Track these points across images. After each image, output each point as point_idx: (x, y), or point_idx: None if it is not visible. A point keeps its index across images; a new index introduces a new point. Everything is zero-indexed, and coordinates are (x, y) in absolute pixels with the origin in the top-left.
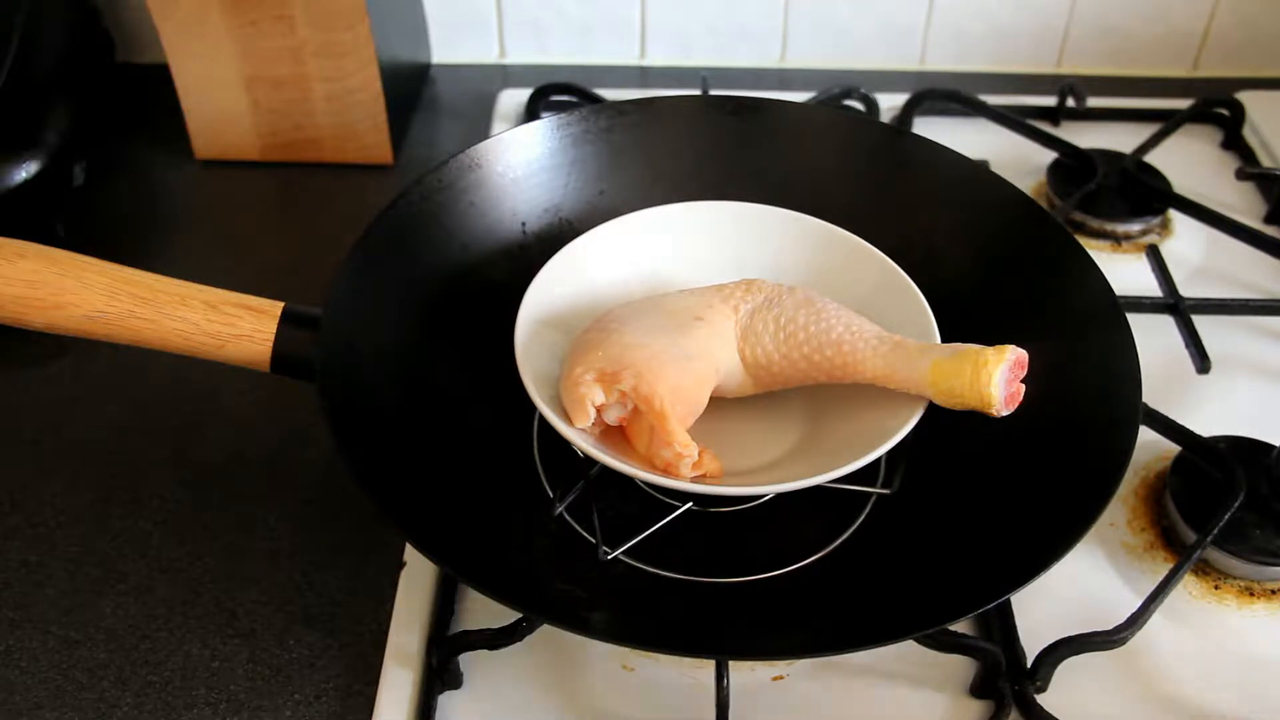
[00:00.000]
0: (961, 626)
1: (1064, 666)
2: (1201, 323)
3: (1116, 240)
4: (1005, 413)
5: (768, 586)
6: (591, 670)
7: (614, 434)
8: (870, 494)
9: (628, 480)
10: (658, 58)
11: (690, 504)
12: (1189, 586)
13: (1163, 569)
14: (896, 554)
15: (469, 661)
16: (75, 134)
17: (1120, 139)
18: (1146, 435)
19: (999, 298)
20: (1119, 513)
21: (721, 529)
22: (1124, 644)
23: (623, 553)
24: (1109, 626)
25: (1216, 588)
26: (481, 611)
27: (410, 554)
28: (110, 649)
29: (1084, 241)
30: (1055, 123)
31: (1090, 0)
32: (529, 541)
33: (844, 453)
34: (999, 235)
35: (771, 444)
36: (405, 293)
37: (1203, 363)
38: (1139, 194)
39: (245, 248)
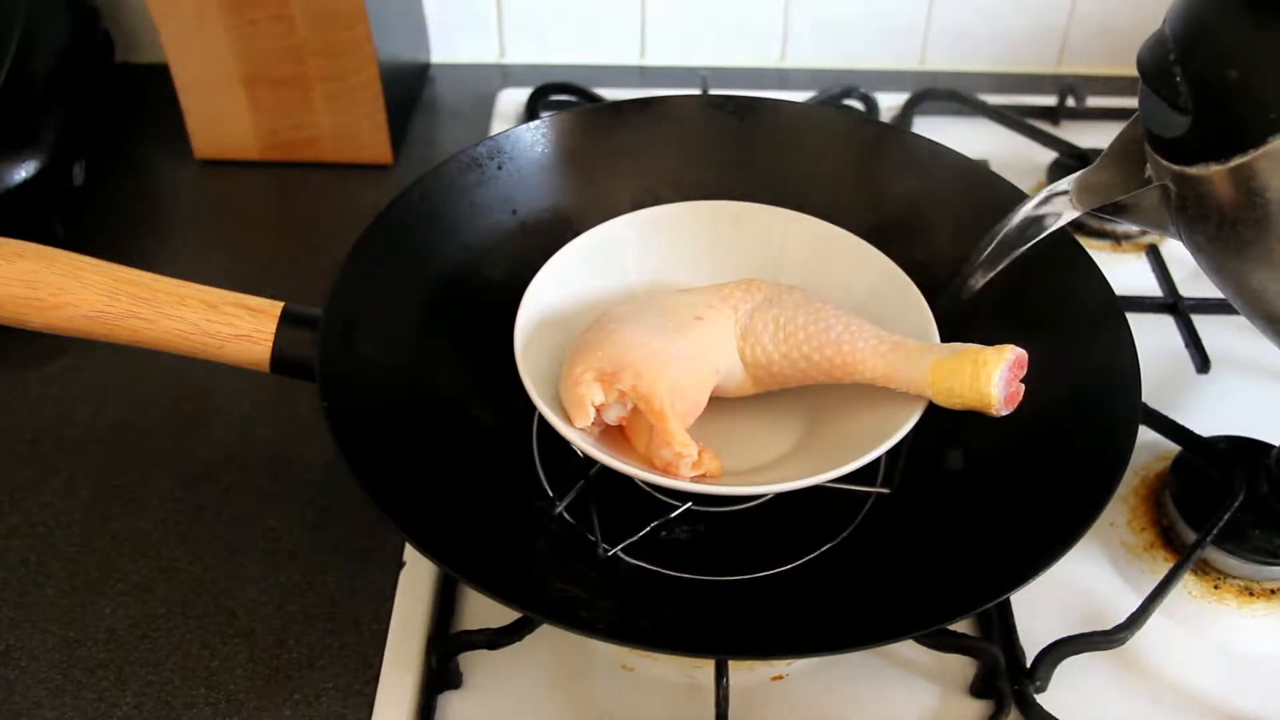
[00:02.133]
0: (961, 626)
1: (1064, 666)
2: (1201, 322)
3: (1116, 240)
4: (1005, 413)
5: (767, 585)
6: (591, 670)
7: (614, 434)
8: (869, 493)
9: (627, 480)
10: (658, 58)
11: (690, 503)
12: (1189, 586)
13: (1162, 569)
14: (896, 554)
15: (469, 661)
16: (75, 134)
17: None
18: (1146, 435)
19: (999, 298)
20: (1119, 513)
21: (721, 527)
22: (1124, 644)
23: (623, 551)
24: (1109, 626)
25: (1216, 587)
26: (481, 611)
27: (410, 554)
28: (110, 649)
29: (1084, 241)
30: (1055, 123)
31: (1090, 0)
32: (529, 541)
33: (844, 453)
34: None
35: (771, 444)
36: (405, 292)
37: (1202, 362)
38: None
39: (245, 248)
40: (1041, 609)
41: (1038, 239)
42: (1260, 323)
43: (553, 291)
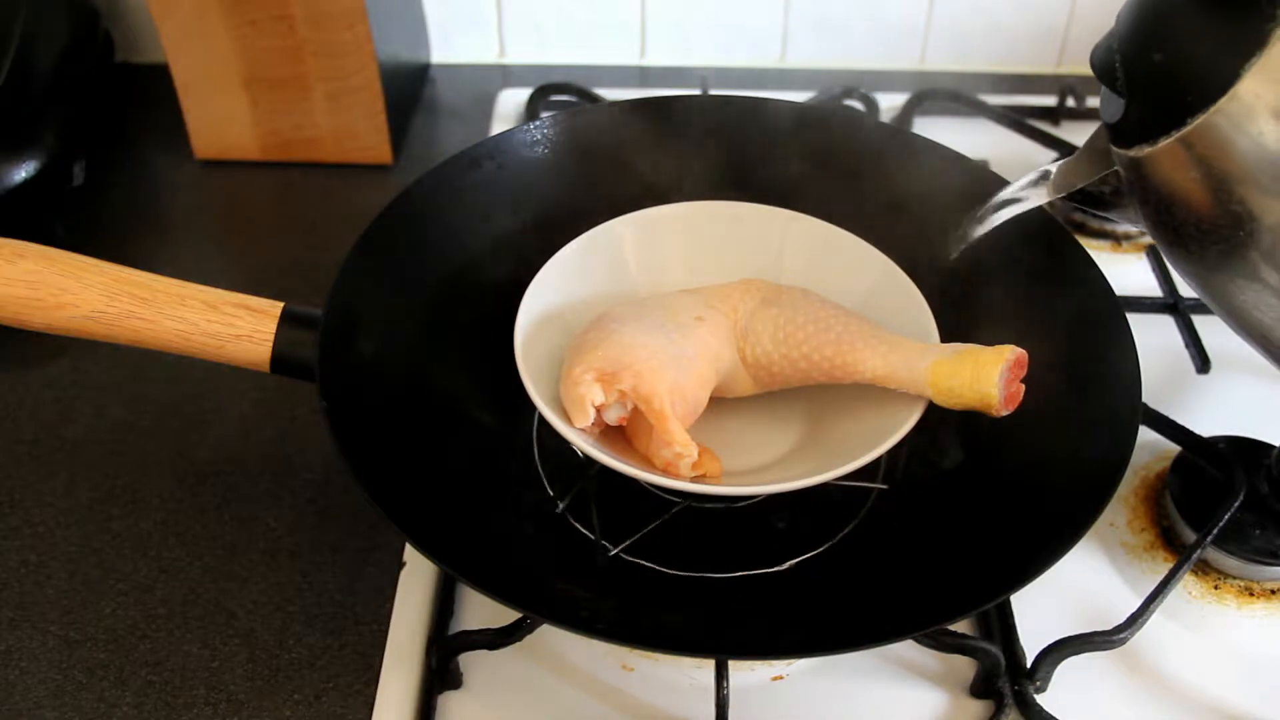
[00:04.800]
0: (961, 626)
1: (1064, 666)
2: (1201, 323)
3: (1116, 240)
4: (1005, 413)
5: (767, 584)
6: (591, 670)
7: (614, 434)
8: (870, 491)
9: (628, 479)
10: (658, 58)
11: (689, 503)
12: (1189, 586)
13: (1163, 569)
14: (896, 553)
15: (469, 661)
16: (75, 134)
17: None
18: (1146, 435)
19: (999, 298)
20: (1119, 513)
21: (721, 527)
22: (1124, 644)
23: (623, 550)
24: (1109, 626)
25: (1216, 588)
26: (481, 611)
27: (410, 554)
28: (110, 649)
29: (1084, 241)
30: (1055, 123)
31: (1090, 0)
32: (529, 541)
33: (844, 452)
34: (999, 235)
35: (771, 444)
36: (405, 293)
37: (1202, 363)
38: None
39: (245, 248)
40: (1041, 609)
41: (1007, 217)
42: (1214, 308)
43: (553, 291)
